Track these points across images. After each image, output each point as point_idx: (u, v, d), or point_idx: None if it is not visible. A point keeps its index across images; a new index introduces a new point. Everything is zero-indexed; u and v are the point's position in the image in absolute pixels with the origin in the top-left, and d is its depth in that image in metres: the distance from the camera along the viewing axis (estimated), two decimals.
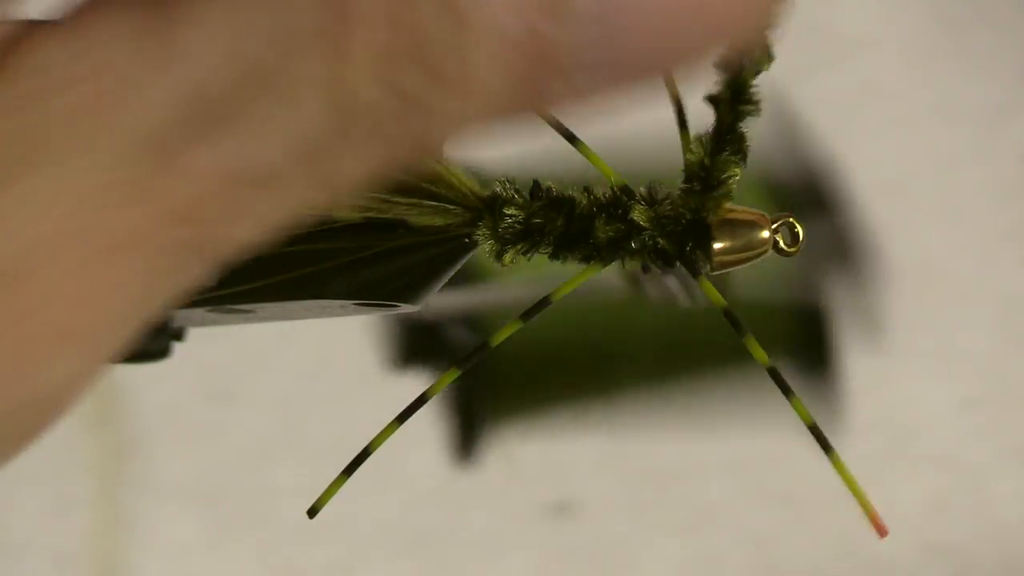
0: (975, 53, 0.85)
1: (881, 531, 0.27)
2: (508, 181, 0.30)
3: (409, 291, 0.30)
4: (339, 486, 0.28)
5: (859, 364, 0.75)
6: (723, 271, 0.30)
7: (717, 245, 0.29)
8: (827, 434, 0.29)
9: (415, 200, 0.29)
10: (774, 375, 0.29)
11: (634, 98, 0.21)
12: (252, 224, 0.21)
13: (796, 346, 0.74)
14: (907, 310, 0.79)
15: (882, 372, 0.79)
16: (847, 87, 0.83)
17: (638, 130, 0.48)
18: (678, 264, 0.29)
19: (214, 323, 0.34)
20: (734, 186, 0.28)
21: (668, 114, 0.28)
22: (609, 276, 0.32)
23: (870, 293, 0.75)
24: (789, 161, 0.75)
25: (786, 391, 0.29)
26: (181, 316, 0.33)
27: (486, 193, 0.30)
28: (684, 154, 0.28)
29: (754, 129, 0.27)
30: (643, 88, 0.21)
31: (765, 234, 0.29)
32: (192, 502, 0.80)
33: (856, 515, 0.28)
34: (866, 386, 0.76)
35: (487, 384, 0.71)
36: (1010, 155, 0.83)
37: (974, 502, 0.78)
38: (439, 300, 0.61)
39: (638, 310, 0.71)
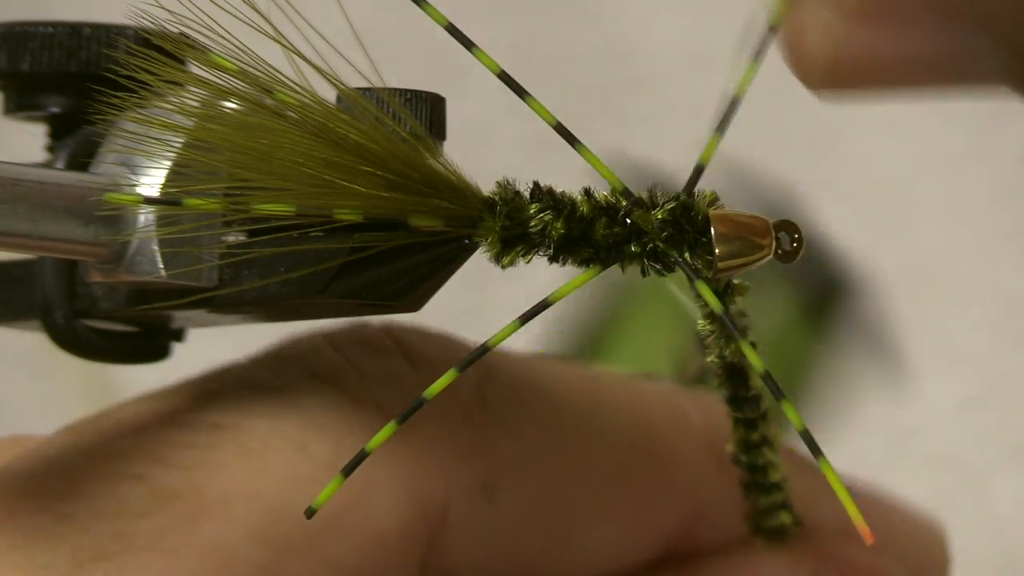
0: None
1: (867, 537, 0.27)
2: (509, 182, 0.30)
3: (409, 292, 0.30)
4: (336, 486, 0.28)
5: (857, 364, 0.75)
6: (722, 276, 0.30)
7: (717, 250, 0.29)
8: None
9: (415, 200, 0.29)
10: (768, 380, 0.29)
11: None
12: None
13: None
14: (907, 310, 0.79)
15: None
16: None
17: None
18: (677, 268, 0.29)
19: (214, 323, 0.34)
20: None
21: None
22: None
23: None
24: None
25: (778, 396, 0.29)
26: (181, 316, 0.33)
27: (486, 194, 0.30)
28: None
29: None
30: None
31: (766, 239, 0.29)
32: None
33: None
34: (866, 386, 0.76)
35: None
36: (1010, 155, 0.83)
37: (974, 502, 0.78)
38: None
39: None
